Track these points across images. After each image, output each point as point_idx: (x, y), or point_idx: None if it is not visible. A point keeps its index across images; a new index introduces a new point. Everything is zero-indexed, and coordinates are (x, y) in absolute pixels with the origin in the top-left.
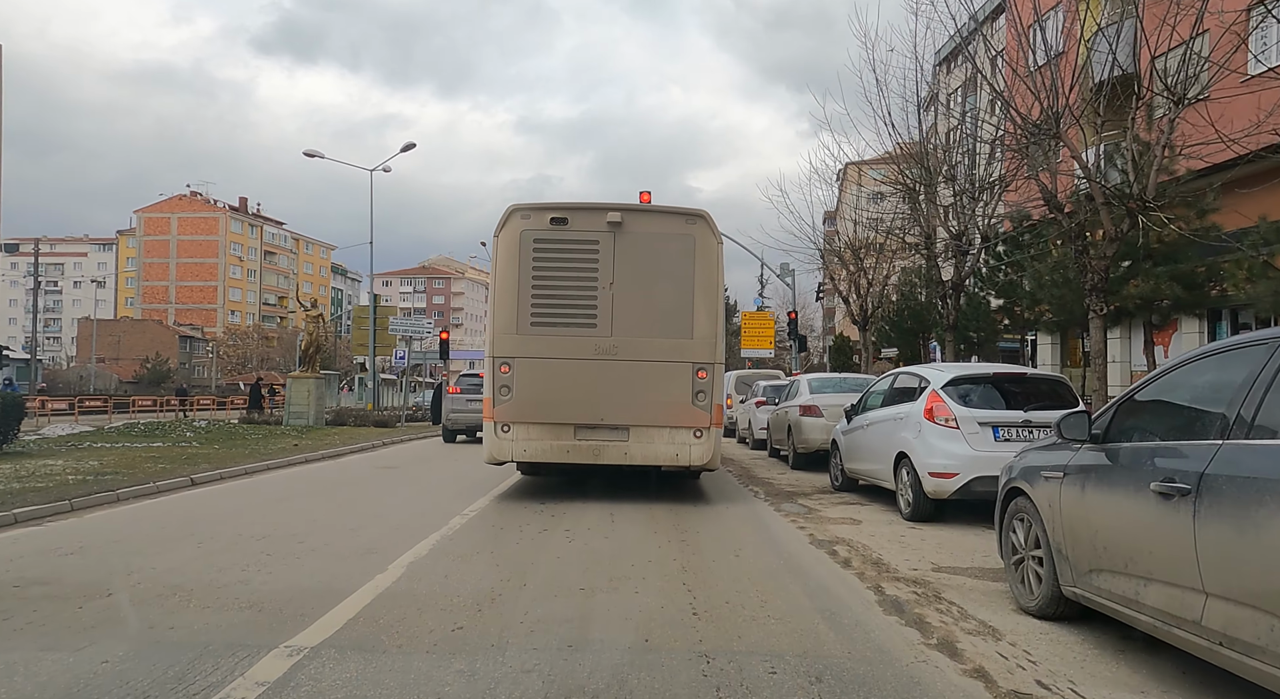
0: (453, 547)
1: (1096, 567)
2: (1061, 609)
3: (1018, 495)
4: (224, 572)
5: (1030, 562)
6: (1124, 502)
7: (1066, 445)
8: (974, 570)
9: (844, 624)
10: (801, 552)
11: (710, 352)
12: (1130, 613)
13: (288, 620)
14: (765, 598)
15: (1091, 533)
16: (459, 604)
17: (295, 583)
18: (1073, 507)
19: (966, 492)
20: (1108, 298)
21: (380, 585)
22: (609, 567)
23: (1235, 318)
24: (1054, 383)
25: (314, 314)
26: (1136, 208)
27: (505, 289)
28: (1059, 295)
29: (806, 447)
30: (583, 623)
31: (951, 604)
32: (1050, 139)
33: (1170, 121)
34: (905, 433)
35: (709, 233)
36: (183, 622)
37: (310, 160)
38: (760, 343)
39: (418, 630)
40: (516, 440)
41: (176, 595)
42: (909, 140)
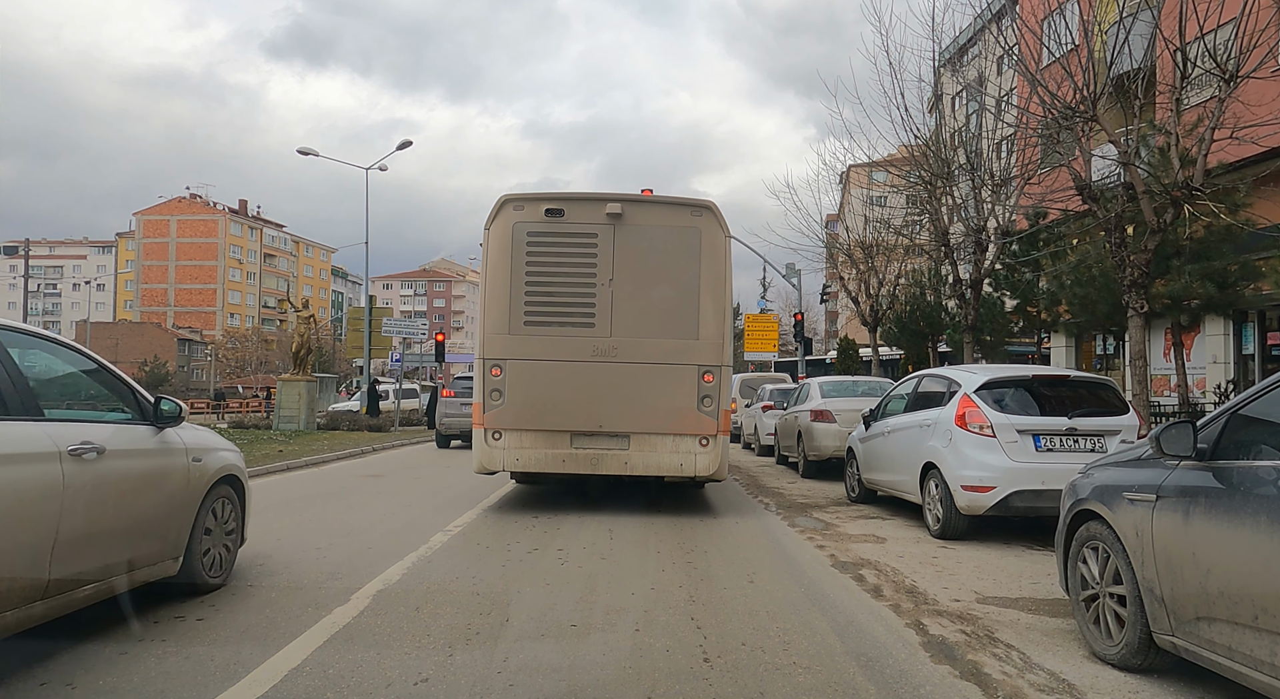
0: (429, 571)
1: (1207, 615)
2: (1151, 660)
3: (1090, 519)
4: (158, 605)
5: (1108, 600)
6: (1254, 537)
7: (1156, 462)
8: (1026, 602)
9: (886, 676)
10: (824, 577)
11: (717, 353)
12: (1261, 678)
13: (215, 674)
14: (788, 638)
15: (1201, 573)
16: (428, 645)
17: (238, 622)
18: (1172, 538)
19: (1004, 507)
20: (1148, 295)
21: (337, 622)
22: (606, 596)
23: (1263, 319)
24: (1099, 386)
25: (305, 315)
26: (1182, 196)
27: (497, 286)
28: (1082, 294)
29: (818, 454)
30: (573, 673)
31: (1010, 648)
32: (1087, 122)
33: (1220, 101)
34: (934, 441)
35: (716, 226)
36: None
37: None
38: (764, 345)
39: (373, 684)
40: (508, 449)
41: (97, 636)
42: (924, 128)
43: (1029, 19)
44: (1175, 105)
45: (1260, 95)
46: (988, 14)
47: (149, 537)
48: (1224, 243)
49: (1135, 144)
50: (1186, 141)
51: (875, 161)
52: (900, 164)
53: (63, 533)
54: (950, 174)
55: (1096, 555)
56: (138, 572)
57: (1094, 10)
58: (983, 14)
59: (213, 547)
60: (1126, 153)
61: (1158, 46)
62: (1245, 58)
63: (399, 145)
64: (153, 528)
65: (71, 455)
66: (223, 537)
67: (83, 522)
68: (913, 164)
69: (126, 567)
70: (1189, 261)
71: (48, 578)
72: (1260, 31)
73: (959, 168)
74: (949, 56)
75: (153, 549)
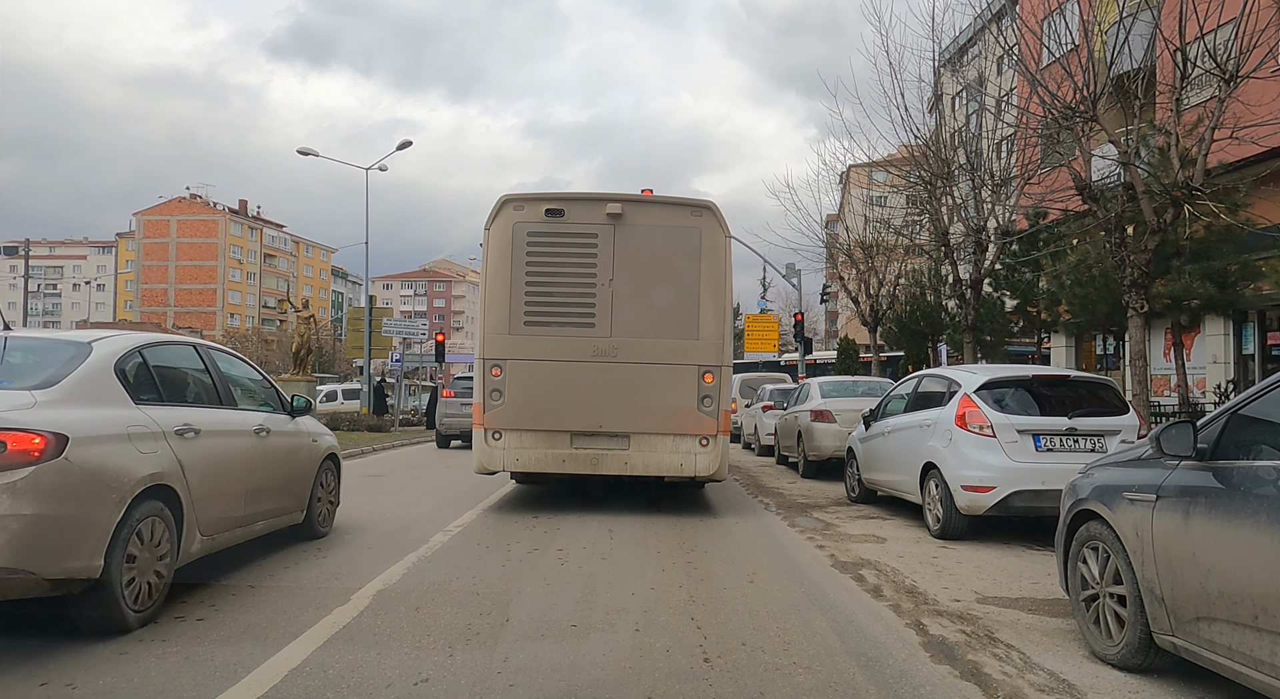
0: (429, 571)
1: (1207, 615)
2: (1150, 659)
3: (1090, 519)
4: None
5: (1108, 600)
6: (1255, 537)
7: (1156, 462)
8: (1026, 602)
9: (886, 676)
10: (824, 577)
11: (717, 353)
12: (1261, 678)
13: (215, 674)
14: (788, 638)
15: (1201, 573)
16: (428, 645)
17: (238, 622)
18: (1172, 538)
19: (1004, 507)
20: (1148, 295)
21: (337, 622)
22: (606, 596)
23: (1263, 319)
24: (1099, 386)
25: (305, 315)
26: (1182, 196)
27: (497, 286)
28: (1081, 294)
29: (818, 454)
30: (572, 673)
31: (1010, 648)
32: (1087, 122)
33: (1220, 101)
34: (934, 441)
35: (716, 226)
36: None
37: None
38: (764, 345)
39: (374, 684)
40: (508, 449)
41: (96, 635)
42: (924, 128)
43: (1029, 19)
44: (1175, 105)
45: (1260, 95)
46: (988, 14)
47: (289, 493)
48: (1224, 243)
49: (1135, 144)
50: (1186, 141)
51: (875, 161)
52: (900, 164)
53: (250, 484)
54: (950, 174)
55: (1096, 555)
56: (282, 517)
57: (1094, 10)
58: (983, 14)
59: (322, 505)
60: (1126, 153)
61: (1158, 46)
62: (1245, 58)
63: (399, 145)
64: (291, 487)
65: (255, 433)
66: (328, 498)
67: (259, 478)
68: (913, 164)
69: (277, 513)
70: (1189, 261)
71: (243, 513)
72: (1260, 31)
73: (959, 168)
74: (949, 56)
75: (290, 503)
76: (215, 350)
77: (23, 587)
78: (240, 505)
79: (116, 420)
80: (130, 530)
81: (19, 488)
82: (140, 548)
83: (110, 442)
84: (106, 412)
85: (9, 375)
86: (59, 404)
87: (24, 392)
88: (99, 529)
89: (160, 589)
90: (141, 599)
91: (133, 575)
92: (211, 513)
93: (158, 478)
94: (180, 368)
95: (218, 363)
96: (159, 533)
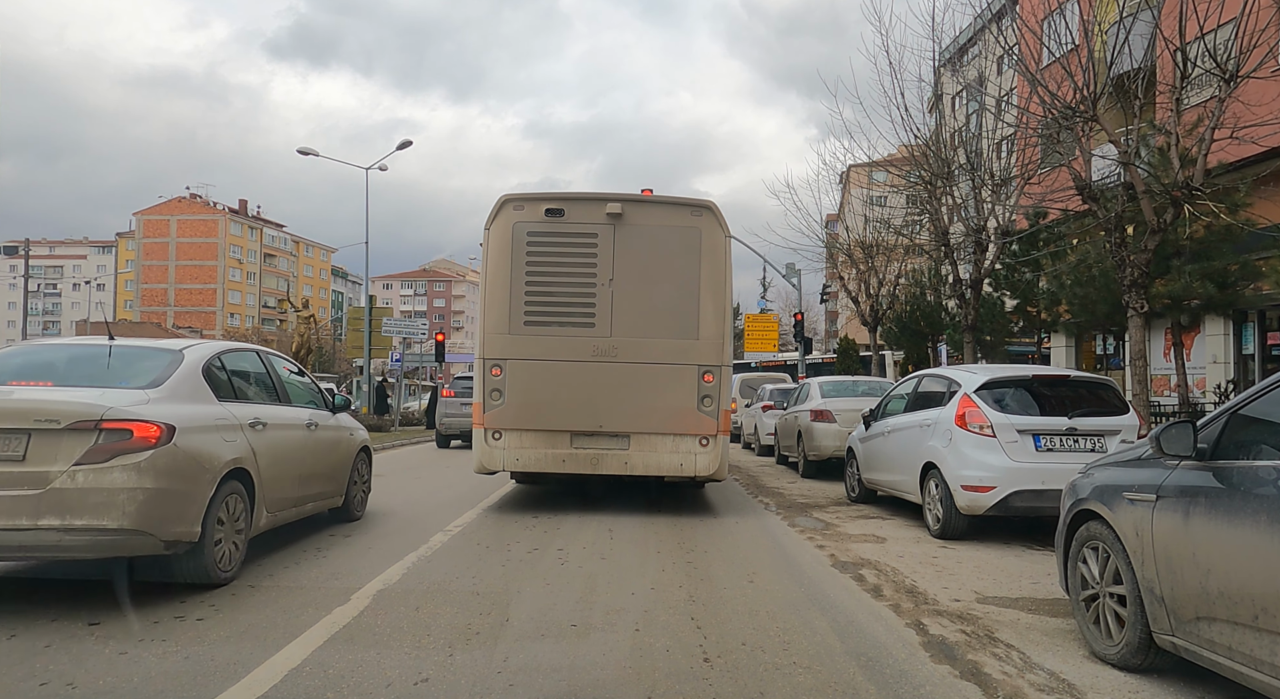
0: (429, 570)
1: (1207, 615)
2: (1150, 659)
3: (1090, 519)
4: (157, 605)
5: (1108, 600)
6: (1255, 537)
7: (1156, 461)
8: (1026, 602)
9: (886, 676)
10: (824, 577)
11: (717, 353)
12: (1261, 678)
13: (215, 674)
14: (788, 638)
15: (1201, 573)
16: (428, 645)
17: (238, 622)
18: (1172, 538)
19: (1004, 507)
20: (1148, 295)
21: (337, 622)
22: (606, 596)
23: (1263, 319)
24: (1099, 386)
25: (305, 315)
26: (1182, 196)
27: (497, 286)
28: (1081, 294)
29: (818, 454)
30: (572, 673)
31: (1010, 648)
32: (1087, 122)
33: (1220, 101)
34: (934, 441)
35: (716, 225)
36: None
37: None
38: (764, 345)
39: (374, 684)
40: (508, 448)
41: (95, 636)
42: (924, 128)
43: (1029, 19)
44: (1175, 105)
45: (1260, 95)
46: (988, 14)
47: (331, 480)
48: (1224, 243)
49: (1135, 144)
50: (1186, 141)
51: (875, 161)
52: (900, 164)
53: (303, 471)
54: (950, 174)
55: (1096, 555)
56: (326, 500)
57: (1094, 10)
58: (983, 14)
59: (357, 490)
60: (1126, 153)
61: (1158, 46)
62: (1245, 58)
63: (399, 145)
64: (333, 474)
65: (306, 427)
66: (362, 485)
67: (309, 465)
68: (913, 164)
69: (322, 496)
70: (1189, 261)
71: (297, 495)
72: (1260, 31)
73: (959, 168)
74: (949, 56)
75: (332, 488)
76: (271, 355)
77: (146, 546)
78: (296, 488)
79: (207, 414)
80: (218, 505)
81: (142, 467)
82: (225, 519)
83: (204, 431)
84: (199, 407)
85: (122, 378)
86: (165, 401)
87: (139, 390)
88: (198, 502)
89: (238, 555)
90: (224, 562)
91: (219, 541)
92: (275, 493)
93: (237, 462)
94: (247, 370)
95: (275, 366)
96: (237, 508)
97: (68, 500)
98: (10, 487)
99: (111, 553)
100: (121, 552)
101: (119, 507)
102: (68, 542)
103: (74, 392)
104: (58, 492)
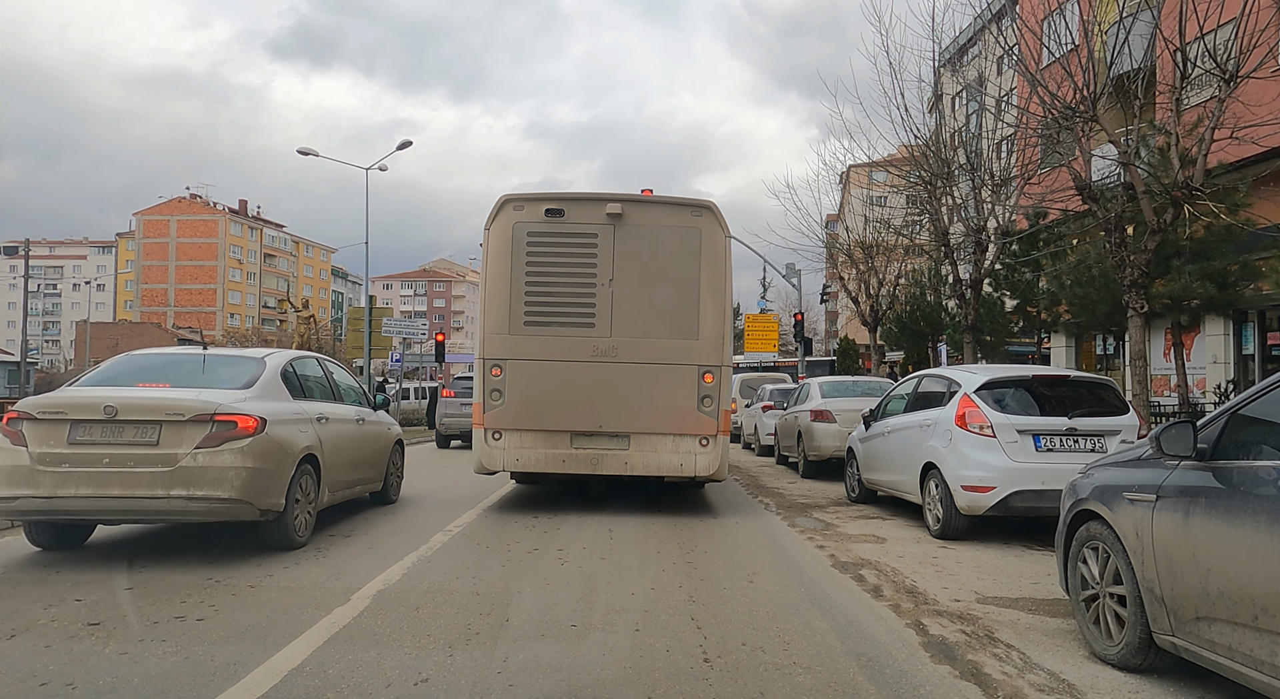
0: (429, 571)
1: (1207, 615)
2: (1150, 659)
3: (1090, 519)
4: (158, 605)
5: (1108, 600)
6: (1255, 537)
7: (1156, 462)
8: (1026, 602)
9: (886, 676)
10: (824, 577)
11: (717, 353)
12: (1261, 678)
13: (215, 674)
14: (788, 638)
15: (1201, 573)
16: (428, 646)
17: (238, 622)
18: (1172, 538)
19: (1004, 507)
20: (1148, 295)
21: (337, 622)
22: (606, 596)
23: (1263, 319)
24: (1099, 386)
25: (305, 315)
26: (1182, 196)
27: (497, 286)
28: (1081, 294)
29: (818, 454)
30: (572, 673)
31: (1010, 648)
32: (1087, 122)
33: (1220, 101)
34: (934, 441)
35: (716, 226)
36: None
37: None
38: (764, 345)
39: (373, 684)
40: (508, 449)
41: (95, 636)
42: (924, 128)
43: (1029, 19)
44: (1175, 105)
45: (1260, 95)
46: (988, 14)
47: (374, 467)
48: (1224, 243)
49: (1135, 144)
50: (1186, 141)
51: (875, 161)
52: (900, 164)
53: (353, 458)
54: (950, 174)
55: (1096, 555)
56: (368, 485)
57: (1094, 10)
58: (983, 14)
59: (393, 477)
60: (1126, 153)
61: (1158, 46)
62: (1245, 58)
63: (399, 145)
64: (376, 462)
65: (356, 421)
66: (397, 472)
67: (358, 454)
68: (913, 164)
69: (367, 481)
70: (1189, 261)
71: (349, 479)
72: (1260, 31)
73: (959, 168)
74: (949, 56)
75: (374, 475)
76: (326, 360)
77: (247, 513)
78: (349, 472)
79: (287, 410)
80: (296, 483)
81: (244, 450)
82: (300, 496)
83: (286, 423)
84: (281, 404)
85: (221, 380)
86: (256, 399)
87: (236, 390)
88: (283, 479)
89: (310, 524)
90: (300, 529)
91: (297, 512)
92: (334, 476)
93: (309, 449)
94: (310, 374)
95: (330, 370)
96: (309, 486)
97: (191, 476)
98: (148, 465)
99: (223, 518)
100: (229, 517)
101: (229, 481)
102: (191, 508)
103: (189, 392)
104: (184, 469)
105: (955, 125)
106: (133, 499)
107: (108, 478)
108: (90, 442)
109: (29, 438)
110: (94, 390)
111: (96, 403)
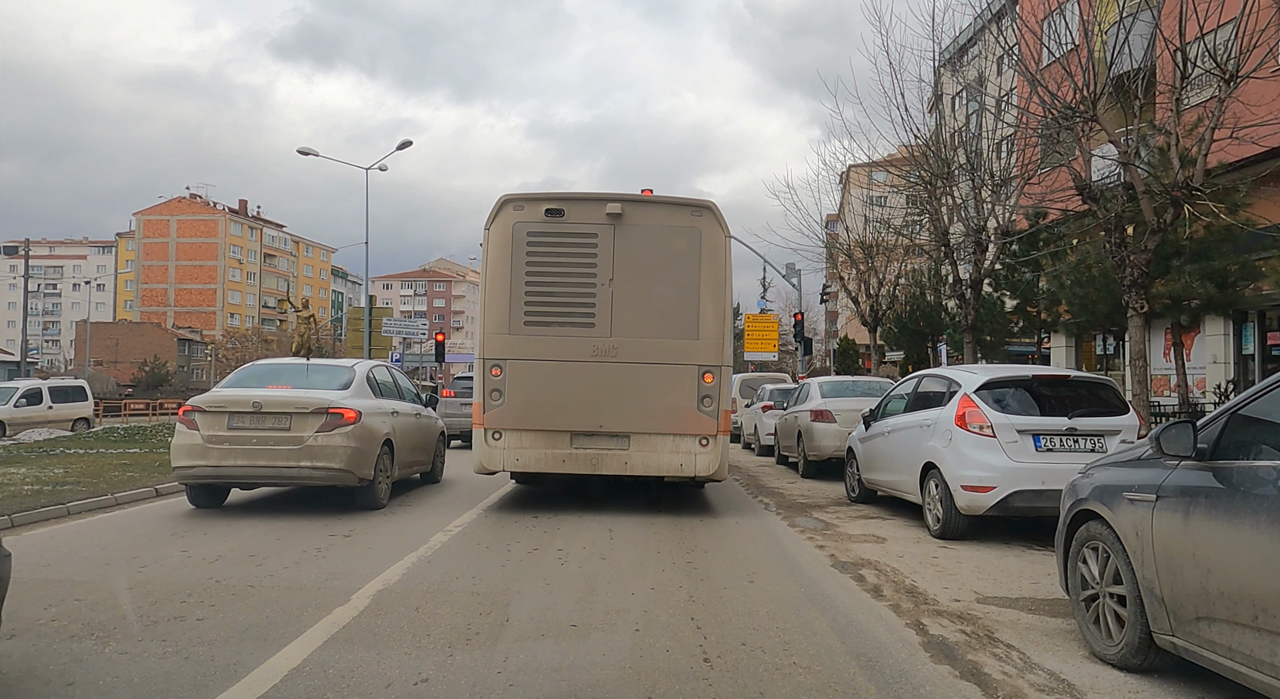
0: (429, 571)
1: (1207, 615)
2: (1150, 659)
3: (1090, 519)
4: (159, 605)
5: (1108, 600)
6: (1255, 537)
7: (1156, 462)
8: (1026, 602)
9: (886, 676)
10: (824, 577)
11: (717, 353)
12: (1261, 678)
13: (215, 674)
14: (788, 638)
15: (1201, 573)
16: (428, 646)
17: (238, 622)
18: (1172, 538)
19: (1004, 507)
20: (1148, 295)
21: (338, 621)
22: (606, 596)
23: (1263, 319)
24: (1099, 386)
25: (305, 315)
26: (1182, 196)
27: (497, 286)
28: (1081, 294)
29: (818, 454)
30: (572, 673)
31: (1010, 648)
32: (1087, 122)
33: (1220, 101)
34: (934, 441)
35: (716, 226)
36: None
37: (318, 163)
38: (764, 345)
39: (373, 685)
40: (508, 449)
41: (95, 636)
42: (924, 128)
43: (1029, 19)
44: (1175, 105)
45: (1260, 95)
46: (988, 14)
47: (425, 452)
48: (1224, 243)
49: (1135, 144)
50: (1186, 141)
51: (875, 161)
52: (900, 164)
53: (414, 443)
54: (950, 174)
55: (1096, 555)
56: (421, 467)
57: (1094, 10)
58: (983, 14)
59: (439, 462)
60: (1126, 153)
61: (1158, 46)
62: (1245, 58)
63: (399, 145)
64: (427, 448)
65: (415, 415)
66: (441, 458)
67: (416, 440)
68: (913, 164)
69: (420, 463)
70: (1189, 261)
71: (410, 460)
72: (1260, 31)
73: (959, 168)
74: (949, 56)
75: (425, 459)
76: (393, 369)
77: (350, 480)
78: (410, 455)
79: (373, 405)
80: (380, 459)
81: (349, 434)
82: (383, 469)
83: (373, 415)
84: (369, 401)
85: (325, 383)
86: (353, 397)
87: (338, 390)
88: (373, 456)
89: (388, 492)
90: (383, 496)
91: (380, 480)
92: (402, 457)
93: (388, 435)
94: (383, 379)
95: (396, 376)
96: (387, 464)
97: (314, 451)
98: (284, 444)
99: (334, 483)
100: (338, 482)
101: (339, 456)
102: (314, 475)
103: (307, 392)
104: (309, 446)
105: (955, 125)
106: (274, 467)
107: (256, 452)
108: (243, 427)
109: (200, 425)
110: (240, 391)
111: (247, 399)
